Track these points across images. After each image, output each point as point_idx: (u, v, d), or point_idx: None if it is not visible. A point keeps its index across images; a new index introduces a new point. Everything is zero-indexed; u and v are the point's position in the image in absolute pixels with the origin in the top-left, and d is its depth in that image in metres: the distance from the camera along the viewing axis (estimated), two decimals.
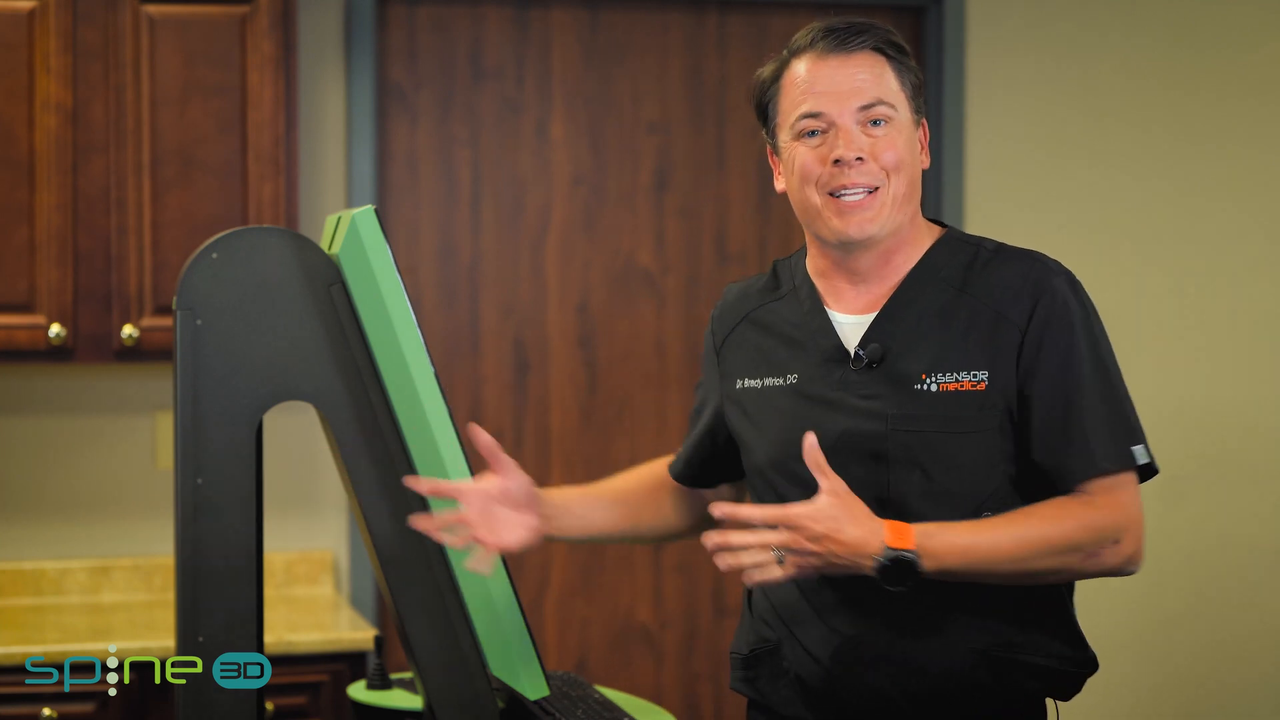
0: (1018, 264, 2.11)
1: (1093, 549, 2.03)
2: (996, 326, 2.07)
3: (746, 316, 2.25)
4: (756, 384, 2.19)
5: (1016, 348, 2.05)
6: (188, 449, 2.02)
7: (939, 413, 2.05)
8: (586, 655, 4.25)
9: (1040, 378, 2.05)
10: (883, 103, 2.08)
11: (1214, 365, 4.48)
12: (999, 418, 2.05)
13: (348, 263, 2.07)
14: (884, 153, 2.07)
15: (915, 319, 2.10)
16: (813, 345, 2.14)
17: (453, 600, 2.09)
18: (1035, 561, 2.01)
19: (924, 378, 2.06)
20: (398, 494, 2.08)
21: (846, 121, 2.07)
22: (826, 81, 2.08)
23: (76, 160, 3.56)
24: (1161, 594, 4.48)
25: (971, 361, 2.06)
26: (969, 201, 4.33)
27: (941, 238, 2.17)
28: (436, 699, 2.10)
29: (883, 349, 2.08)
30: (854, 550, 1.95)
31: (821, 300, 2.16)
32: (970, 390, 2.05)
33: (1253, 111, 4.49)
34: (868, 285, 2.14)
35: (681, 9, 4.26)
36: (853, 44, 2.09)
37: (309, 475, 4.02)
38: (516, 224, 4.20)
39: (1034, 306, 2.06)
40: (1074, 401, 2.04)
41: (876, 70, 2.09)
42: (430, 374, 2.08)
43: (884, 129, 2.08)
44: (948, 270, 2.12)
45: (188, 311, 2.03)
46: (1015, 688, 2.09)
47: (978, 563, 1.99)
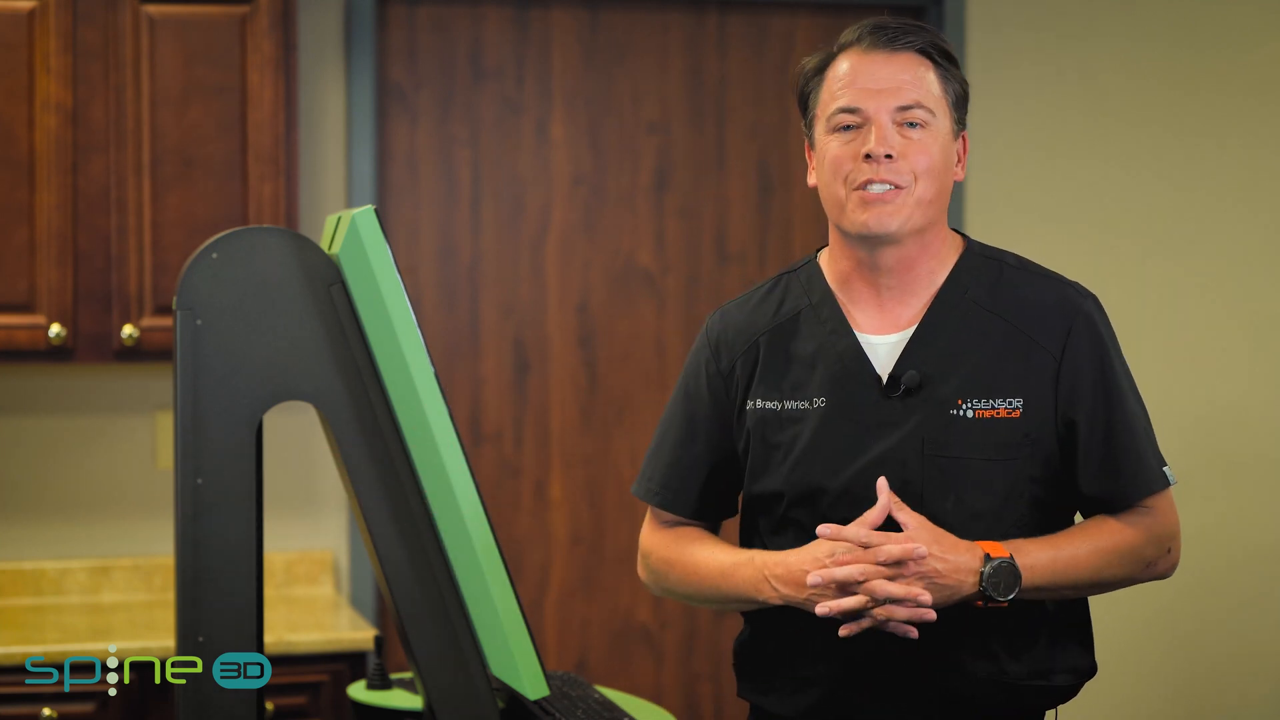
0: (1046, 286, 2.12)
1: (1154, 558, 2.11)
2: (1029, 351, 2.07)
3: (761, 336, 2.16)
4: (775, 406, 2.12)
5: (1053, 376, 2.06)
6: (188, 449, 2.02)
7: (975, 440, 2.04)
8: (586, 655, 4.25)
9: (1082, 407, 2.06)
10: (921, 106, 2.06)
11: (1214, 365, 4.48)
12: (1032, 446, 2.05)
13: (348, 263, 2.07)
14: (916, 155, 2.05)
15: (948, 342, 2.08)
16: (840, 368, 2.09)
17: (453, 600, 2.09)
18: (1107, 571, 2.05)
19: (960, 403, 2.05)
20: (398, 494, 2.08)
21: (883, 119, 2.05)
22: (867, 78, 2.06)
23: (76, 160, 3.56)
24: (1161, 594, 4.47)
25: (1006, 388, 2.05)
26: (969, 201, 4.33)
27: (964, 252, 2.15)
28: (436, 699, 2.10)
29: (920, 375, 2.06)
30: (957, 569, 1.95)
31: (847, 320, 2.12)
32: (1006, 417, 2.04)
33: (1253, 111, 4.49)
34: (893, 299, 2.11)
35: (681, 9, 4.26)
36: (899, 43, 2.07)
37: (309, 475, 4.02)
38: (516, 224, 4.20)
39: (1068, 333, 2.07)
40: (1118, 428, 2.07)
41: (920, 73, 2.07)
42: (430, 374, 2.08)
43: (920, 133, 2.06)
44: (975, 289, 2.11)
45: (188, 311, 2.03)
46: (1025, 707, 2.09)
47: (1061, 575, 2.01)
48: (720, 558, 2.13)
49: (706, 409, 2.20)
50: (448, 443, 2.08)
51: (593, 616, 4.25)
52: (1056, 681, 2.08)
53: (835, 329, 2.12)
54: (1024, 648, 2.06)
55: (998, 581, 1.95)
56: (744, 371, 2.16)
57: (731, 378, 2.17)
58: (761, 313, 2.18)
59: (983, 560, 1.96)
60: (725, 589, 2.11)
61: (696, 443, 2.20)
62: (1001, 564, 1.95)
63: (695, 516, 2.23)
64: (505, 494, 4.19)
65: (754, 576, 2.07)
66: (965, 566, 1.95)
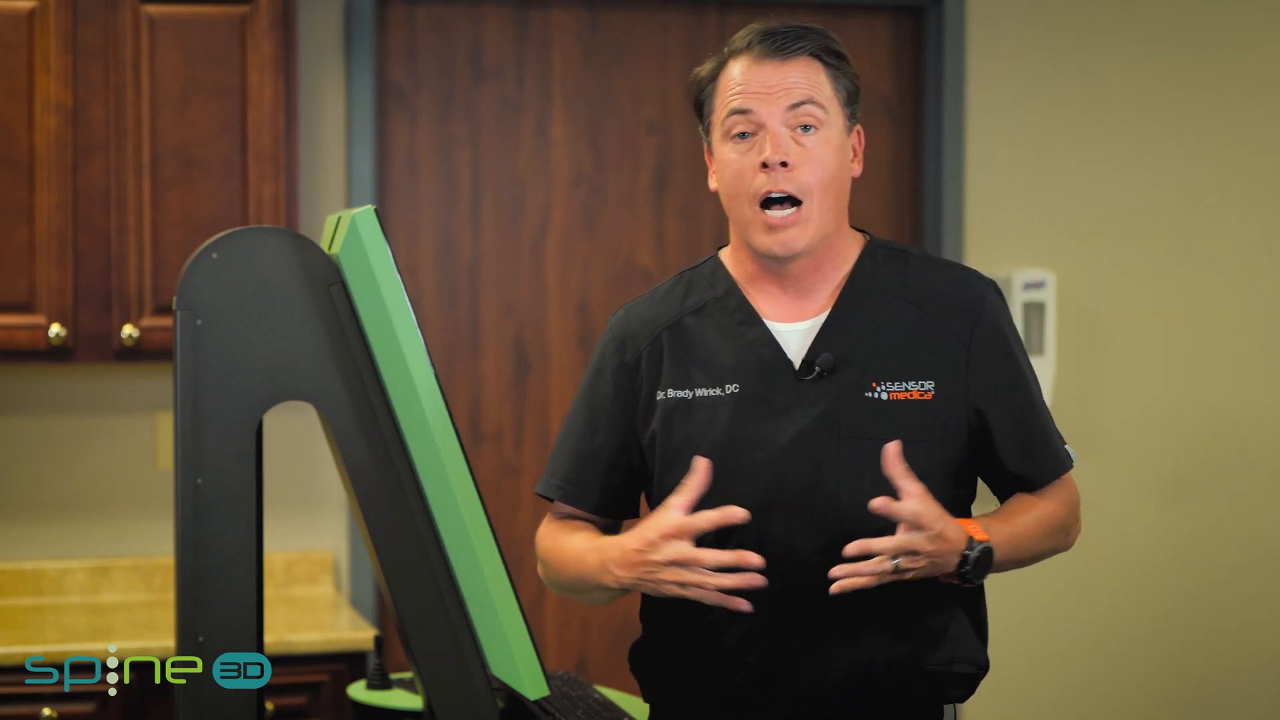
0: (952, 275, 2.16)
1: (1071, 527, 2.17)
2: (938, 337, 2.11)
3: (665, 328, 2.18)
4: (686, 394, 2.13)
5: (963, 361, 2.10)
6: (188, 449, 2.02)
7: (890, 421, 2.07)
8: (586, 655, 4.25)
9: (993, 393, 2.11)
10: (813, 102, 2.09)
11: (1214, 365, 4.48)
12: (942, 428, 2.09)
13: (348, 263, 2.07)
14: (810, 167, 2.08)
15: (859, 328, 2.11)
16: (751, 355, 2.12)
17: (453, 600, 2.09)
18: (1044, 544, 2.12)
19: (874, 386, 2.08)
20: (398, 494, 2.08)
21: (775, 124, 2.08)
22: (758, 83, 2.10)
23: (76, 160, 3.56)
24: (1160, 594, 4.48)
25: (918, 371, 2.09)
26: (969, 202, 4.33)
27: (868, 246, 2.18)
28: (436, 699, 2.10)
29: (834, 358, 2.09)
30: (954, 546, 1.98)
31: (754, 309, 2.15)
32: (919, 400, 2.08)
33: (1253, 111, 4.49)
34: (800, 293, 2.14)
35: (681, 9, 4.26)
36: (790, 49, 2.10)
37: (309, 475, 4.02)
38: (516, 224, 4.20)
39: (975, 320, 2.12)
40: (1028, 412, 2.13)
41: (811, 75, 2.10)
42: (430, 374, 2.08)
43: (813, 137, 2.09)
44: (883, 278, 2.15)
45: (188, 311, 2.03)
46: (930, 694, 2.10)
47: (1015, 551, 2.07)
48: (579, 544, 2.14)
49: (609, 404, 2.20)
50: (448, 443, 2.08)
51: (593, 616, 4.25)
52: (958, 669, 2.10)
53: (744, 319, 2.14)
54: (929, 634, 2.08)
55: (981, 564, 1.99)
56: (650, 364, 2.17)
57: (637, 371, 2.18)
58: (665, 306, 2.21)
59: (968, 543, 1.99)
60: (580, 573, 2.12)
61: (597, 437, 2.20)
62: (985, 548, 1.99)
63: (596, 512, 2.22)
64: (505, 494, 4.19)
65: (596, 563, 2.08)
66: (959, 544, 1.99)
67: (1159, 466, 4.45)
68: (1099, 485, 4.42)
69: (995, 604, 4.63)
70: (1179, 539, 4.47)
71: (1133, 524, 4.45)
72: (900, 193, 4.37)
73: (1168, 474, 4.47)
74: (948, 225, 4.31)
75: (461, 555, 2.09)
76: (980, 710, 4.41)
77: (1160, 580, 4.47)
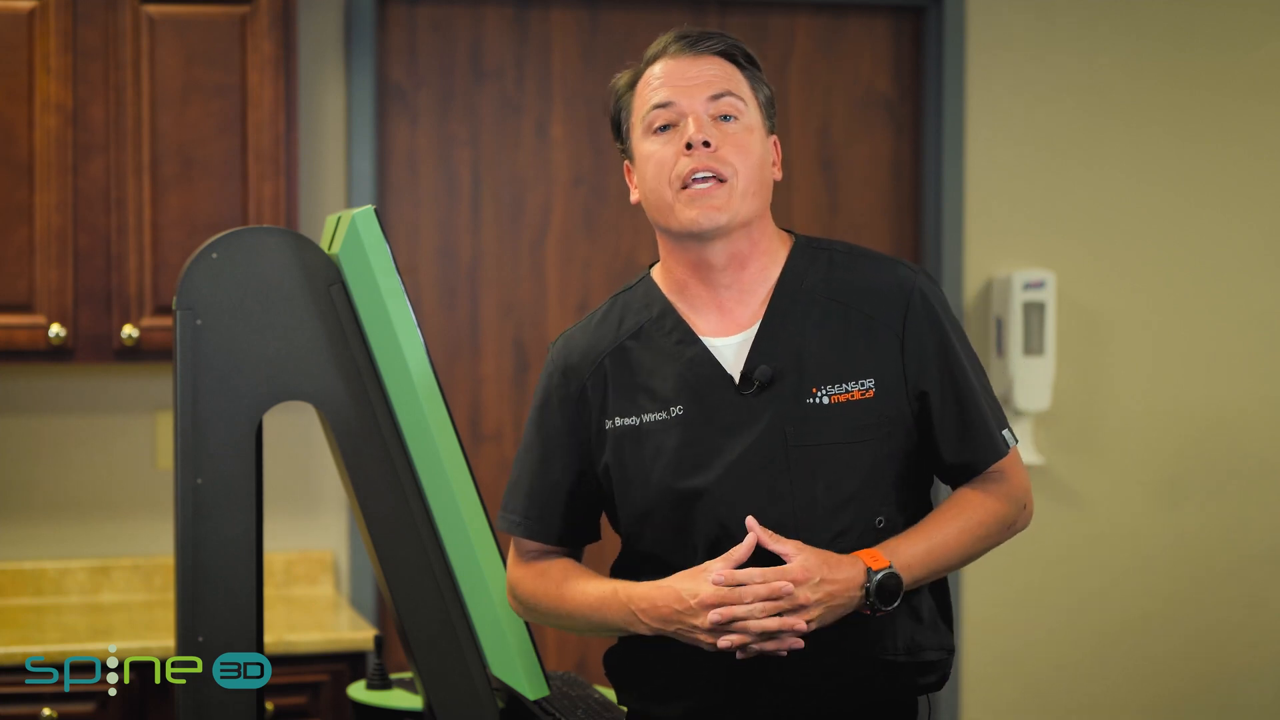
0: (878, 268, 2.16)
1: (1012, 519, 2.15)
2: (872, 332, 2.11)
3: (606, 356, 2.17)
4: (634, 421, 2.13)
5: (898, 352, 2.11)
6: (188, 449, 2.02)
7: (834, 424, 2.07)
8: (586, 655, 4.25)
9: (930, 379, 2.11)
10: (732, 94, 2.11)
11: (1213, 365, 4.48)
12: (889, 423, 2.09)
13: (348, 263, 2.07)
14: (733, 148, 2.09)
15: (793, 334, 2.11)
16: (691, 374, 2.12)
17: (453, 600, 2.09)
18: (975, 547, 2.12)
19: (814, 391, 2.08)
20: (398, 494, 2.08)
21: (697, 109, 2.10)
22: (678, 77, 2.12)
23: (76, 160, 3.56)
24: (1159, 594, 4.48)
25: (856, 371, 2.09)
26: (969, 201, 4.33)
27: (794, 246, 2.18)
28: (436, 699, 2.10)
29: (771, 370, 2.09)
30: (847, 586, 1.99)
31: (690, 327, 2.15)
32: (861, 399, 2.08)
33: (1253, 111, 4.49)
34: (732, 300, 2.14)
35: (681, 9, 4.26)
36: (702, 46, 2.13)
37: (309, 475, 4.02)
38: (516, 224, 4.20)
39: (906, 310, 2.12)
40: (964, 397, 2.12)
41: (727, 70, 2.13)
42: (430, 374, 2.09)
43: (735, 125, 2.10)
44: (810, 279, 2.15)
45: (188, 311, 2.03)
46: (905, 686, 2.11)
47: (935, 562, 2.07)
48: (589, 592, 2.14)
49: (560, 435, 2.19)
50: (448, 443, 2.08)
51: None
52: (928, 658, 2.11)
53: (681, 338, 2.15)
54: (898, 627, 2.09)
55: (883, 593, 2.00)
56: (595, 393, 2.17)
57: (583, 401, 2.17)
58: (602, 333, 2.20)
59: (866, 575, 2.01)
60: (597, 621, 2.13)
61: (553, 469, 2.19)
62: (884, 576, 2.00)
63: (559, 543, 2.21)
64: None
65: (623, 611, 2.09)
66: (853, 582, 2.00)
67: (1158, 466, 4.45)
68: (1097, 485, 4.42)
69: (996, 603, 4.63)
70: (1178, 538, 4.47)
71: (1131, 523, 4.45)
72: (900, 193, 4.37)
73: (1166, 474, 4.47)
74: (948, 225, 4.31)
75: (461, 555, 2.09)
76: (977, 709, 4.41)
77: (1159, 580, 4.47)
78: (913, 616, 2.10)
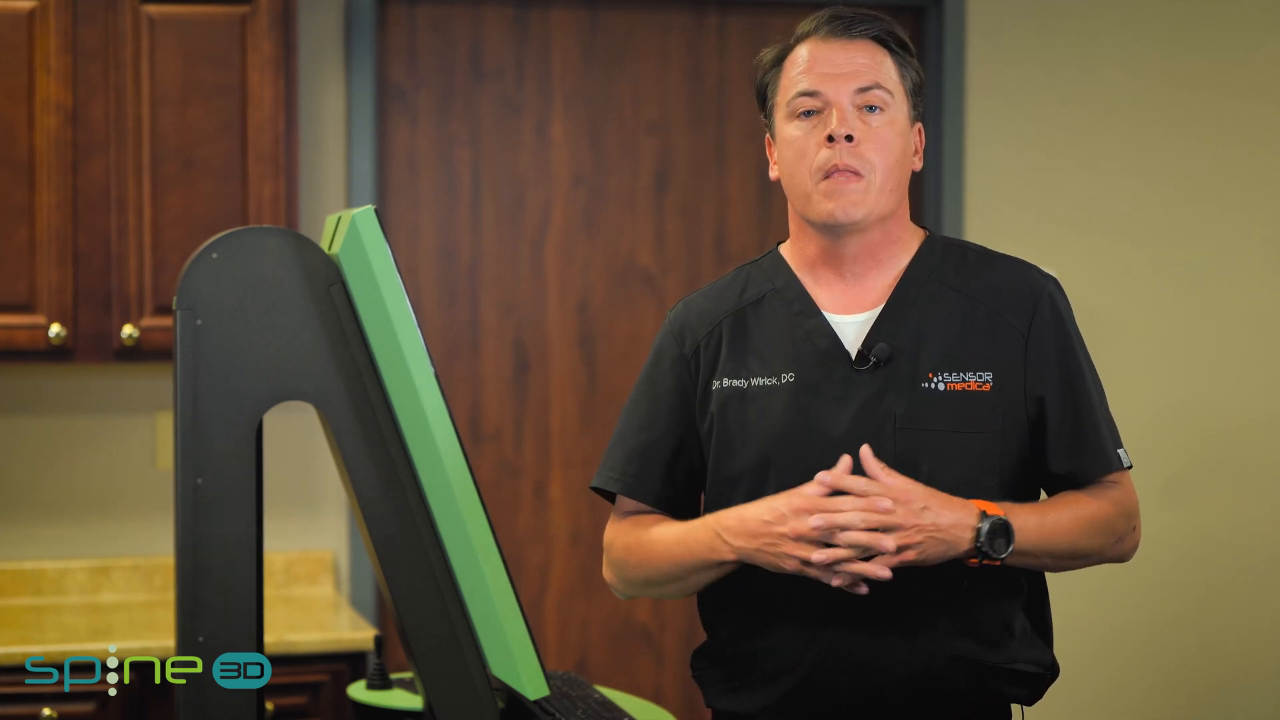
0: (1010, 268, 2.15)
1: (1123, 533, 2.11)
2: (997, 328, 2.09)
3: (724, 320, 2.18)
4: (741, 383, 2.13)
5: (1021, 352, 2.08)
6: (188, 449, 2.02)
7: (947, 412, 2.05)
8: (586, 655, 4.25)
9: (1049, 384, 2.08)
10: (880, 87, 2.09)
11: (1213, 365, 4.48)
12: (1002, 419, 2.06)
13: (348, 263, 2.07)
14: (875, 144, 2.07)
15: (917, 318, 2.10)
16: (808, 345, 2.11)
17: (453, 600, 2.09)
18: (1083, 542, 2.06)
19: (931, 376, 2.07)
20: (398, 494, 2.08)
21: (843, 101, 2.08)
22: (826, 64, 2.09)
23: (76, 160, 3.56)
24: (1160, 594, 4.48)
25: (976, 362, 2.07)
26: (969, 201, 4.33)
27: (927, 240, 2.18)
28: (436, 699, 2.10)
29: (891, 348, 2.07)
30: (955, 524, 1.96)
31: (813, 300, 2.14)
32: (976, 390, 2.06)
33: (1253, 111, 4.49)
34: (858, 283, 2.13)
35: (681, 9, 4.26)
36: (855, 30, 2.11)
37: (309, 475, 4.02)
38: (516, 224, 4.20)
39: (1034, 312, 2.10)
40: (1081, 408, 2.09)
41: (877, 58, 2.11)
42: (430, 374, 2.08)
43: (879, 119, 2.09)
44: (940, 271, 2.14)
45: (188, 311, 2.03)
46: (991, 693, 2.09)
47: (1045, 540, 2.02)
48: (675, 528, 2.14)
49: (669, 394, 2.19)
50: (448, 443, 2.08)
51: (593, 616, 4.25)
52: (1021, 668, 2.08)
53: (802, 309, 2.14)
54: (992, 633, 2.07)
55: (994, 538, 1.97)
56: (708, 353, 2.17)
57: (696, 360, 2.17)
58: (725, 298, 2.20)
59: (979, 517, 1.97)
60: (680, 556, 2.11)
61: (658, 428, 2.19)
62: (997, 521, 1.97)
63: (658, 505, 2.21)
64: (505, 494, 4.19)
65: (707, 536, 2.07)
66: (962, 522, 1.97)
67: (1160, 467, 4.45)
68: None
69: None
70: (1179, 539, 4.47)
71: None
72: None
73: (1168, 475, 4.46)
74: (948, 225, 4.31)
75: (461, 555, 2.09)
76: None
77: (1159, 580, 4.47)
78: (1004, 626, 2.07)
